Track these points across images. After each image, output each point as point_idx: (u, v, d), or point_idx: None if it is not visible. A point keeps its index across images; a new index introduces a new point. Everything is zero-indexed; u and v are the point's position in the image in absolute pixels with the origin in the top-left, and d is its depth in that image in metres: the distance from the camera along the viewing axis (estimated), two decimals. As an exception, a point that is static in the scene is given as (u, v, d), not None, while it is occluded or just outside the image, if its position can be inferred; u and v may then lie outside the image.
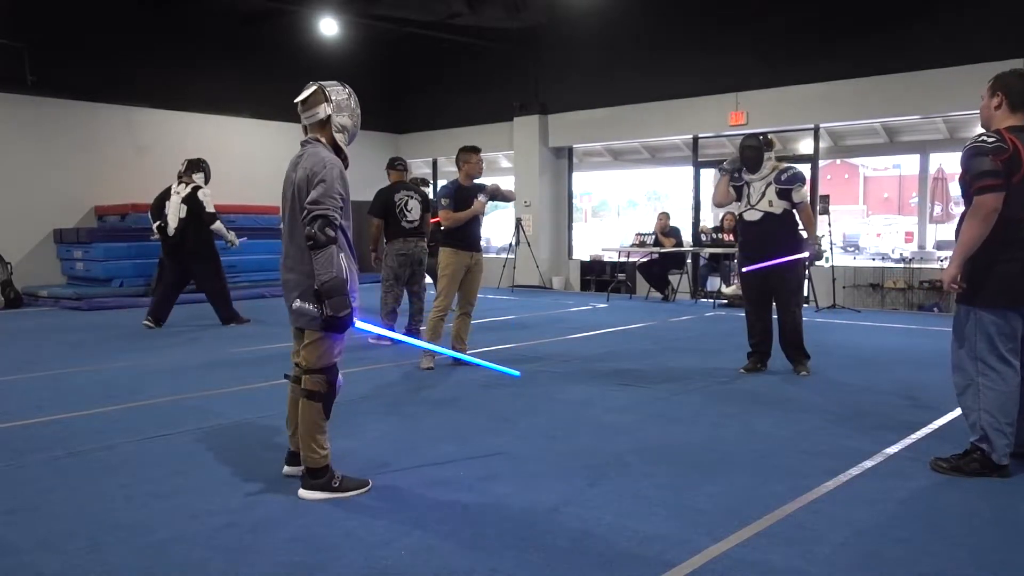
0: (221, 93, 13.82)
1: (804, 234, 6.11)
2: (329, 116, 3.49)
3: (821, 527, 3.09)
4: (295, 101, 3.54)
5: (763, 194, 6.00)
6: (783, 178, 5.97)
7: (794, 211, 6.05)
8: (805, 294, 7.44)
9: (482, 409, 5.07)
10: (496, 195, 6.61)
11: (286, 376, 3.82)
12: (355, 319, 3.37)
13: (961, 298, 3.69)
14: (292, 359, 3.75)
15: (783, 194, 5.96)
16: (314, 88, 3.50)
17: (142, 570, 2.74)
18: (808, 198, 6.13)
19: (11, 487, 3.60)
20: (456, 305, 6.57)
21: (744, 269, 6.09)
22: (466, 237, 6.43)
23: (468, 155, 6.46)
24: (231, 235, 9.19)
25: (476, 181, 6.54)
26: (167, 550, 2.89)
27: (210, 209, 8.80)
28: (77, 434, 4.46)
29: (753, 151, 6.04)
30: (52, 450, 4.15)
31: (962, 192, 3.69)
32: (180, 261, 8.88)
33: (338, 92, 3.53)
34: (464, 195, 6.41)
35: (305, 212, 3.28)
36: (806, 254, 6.04)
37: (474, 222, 6.46)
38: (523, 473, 3.77)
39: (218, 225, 8.91)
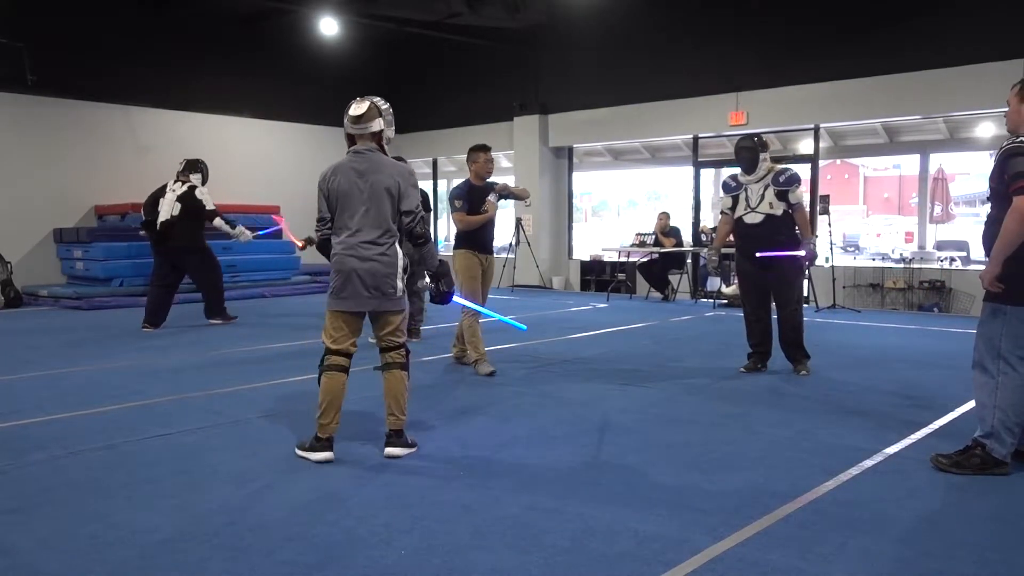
0: (221, 93, 13.82)
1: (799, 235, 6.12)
2: (382, 129, 3.97)
3: (821, 527, 3.09)
4: (350, 114, 3.92)
5: (762, 196, 6.03)
6: (781, 179, 6.00)
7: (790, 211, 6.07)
8: (804, 294, 7.46)
9: (482, 409, 5.07)
10: (506, 194, 6.45)
11: (319, 366, 3.97)
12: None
13: (991, 296, 3.69)
14: (333, 345, 3.92)
15: (782, 195, 5.99)
16: (368, 103, 3.93)
17: (142, 570, 2.74)
18: (804, 199, 6.16)
19: (11, 487, 3.60)
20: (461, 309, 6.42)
21: (758, 254, 6.04)
22: (481, 240, 6.30)
23: (476, 154, 6.29)
24: (236, 229, 9.05)
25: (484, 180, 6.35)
26: (167, 550, 2.89)
27: (210, 207, 8.85)
28: (77, 434, 4.46)
29: (749, 151, 6.07)
30: (52, 450, 4.15)
31: (992, 193, 3.70)
32: (167, 256, 8.88)
33: (385, 106, 4.00)
34: (477, 195, 6.23)
35: (412, 217, 3.95)
36: (803, 252, 6.06)
37: (488, 224, 6.32)
38: (523, 473, 3.77)
39: (219, 221, 8.90)
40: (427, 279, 4.11)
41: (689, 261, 12.41)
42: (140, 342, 7.91)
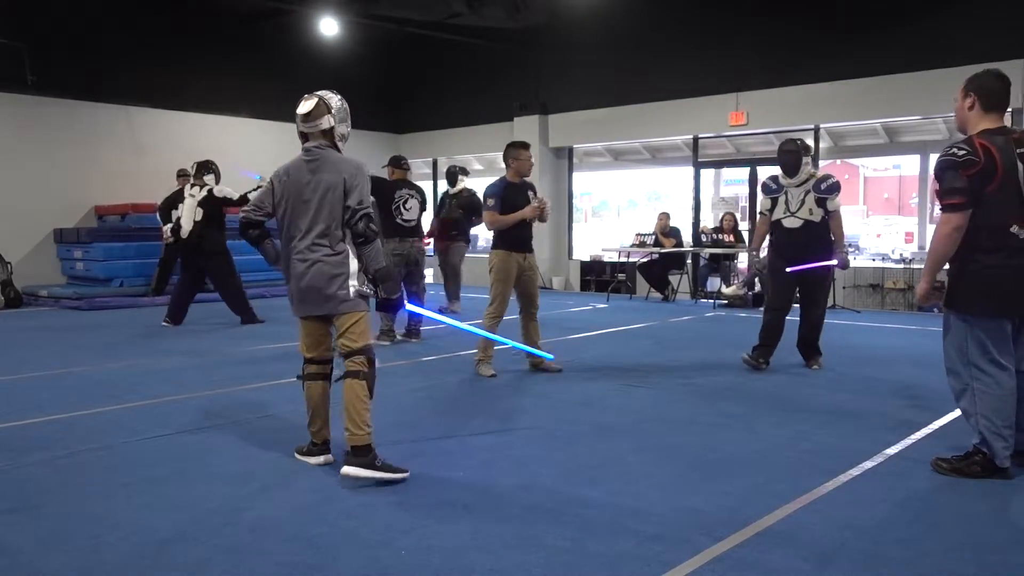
0: (221, 93, 13.82)
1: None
2: (332, 127, 3.77)
3: (821, 527, 3.09)
4: (298, 112, 3.76)
5: (803, 202, 6.13)
6: (823, 187, 6.11)
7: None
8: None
9: (482, 409, 5.07)
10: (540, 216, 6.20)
11: (297, 377, 3.93)
12: (404, 302, 3.87)
13: (950, 305, 3.67)
14: (307, 353, 3.87)
15: (821, 202, 6.09)
16: (316, 100, 3.75)
17: (142, 570, 2.74)
18: (840, 206, 6.24)
19: (11, 487, 3.61)
20: (519, 311, 6.32)
21: (789, 269, 6.14)
22: (517, 238, 6.11)
23: (519, 151, 6.09)
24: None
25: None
26: (167, 550, 2.89)
27: (236, 196, 8.89)
28: (77, 434, 4.46)
29: (792, 155, 6.17)
30: (52, 450, 4.15)
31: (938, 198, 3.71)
32: (193, 260, 9.03)
33: (336, 102, 3.80)
34: (512, 194, 6.06)
35: (351, 213, 3.66)
36: (835, 261, 6.18)
37: (525, 221, 6.14)
38: (523, 473, 3.77)
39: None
40: (363, 283, 3.73)
41: (689, 261, 12.41)
42: (140, 342, 7.91)
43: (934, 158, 12.84)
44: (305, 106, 3.76)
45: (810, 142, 6.48)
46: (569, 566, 2.75)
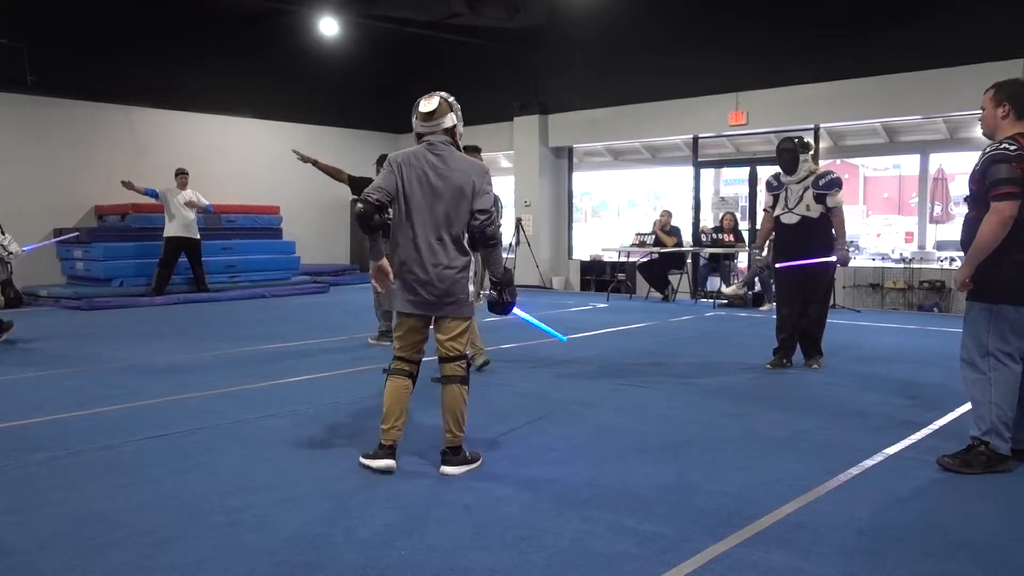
0: (221, 93, 13.82)
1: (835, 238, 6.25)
2: (455, 124, 3.83)
3: (821, 527, 3.09)
4: (419, 111, 3.75)
5: (800, 198, 6.16)
6: (821, 183, 6.13)
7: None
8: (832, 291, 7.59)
9: (481, 409, 5.06)
10: None
11: (385, 371, 3.91)
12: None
13: (975, 295, 3.76)
14: (401, 352, 3.83)
15: (820, 198, 6.10)
16: (438, 99, 3.78)
17: (142, 570, 2.74)
18: (842, 203, 6.24)
19: (11, 487, 3.60)
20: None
21: (778, 265, 6.21)
22: None
23: (474, 155, 6.22)
24: None
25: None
26: (167, 550, 2.89)
27: None
28: (77, 434, 4.46)
29: (789, 153, 6.20)
30: (52, 450, 4.15)
31: (971, 194, 3.78)
32: None
33: (454, 100, 3.87)
34: None
35: (486, 216, 3.70)
36: (834, 258, 6.19)
37: None
38: (522, 473, 3.77)
39: None
40: (479, 287, 3.85)
41: (689, 261, 12.41)
42: (139, 342, 7.91)
43: (934, 158, 12.78)
44: (427, 105, 3.74)
45: (810, 140, 6.46)
46: (569, 566, 2.75)
